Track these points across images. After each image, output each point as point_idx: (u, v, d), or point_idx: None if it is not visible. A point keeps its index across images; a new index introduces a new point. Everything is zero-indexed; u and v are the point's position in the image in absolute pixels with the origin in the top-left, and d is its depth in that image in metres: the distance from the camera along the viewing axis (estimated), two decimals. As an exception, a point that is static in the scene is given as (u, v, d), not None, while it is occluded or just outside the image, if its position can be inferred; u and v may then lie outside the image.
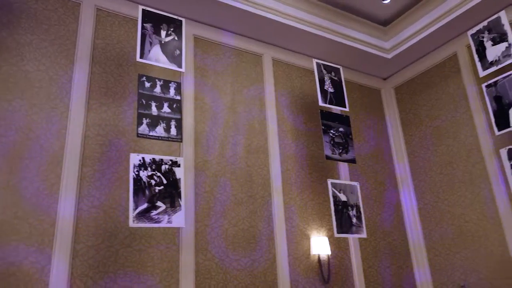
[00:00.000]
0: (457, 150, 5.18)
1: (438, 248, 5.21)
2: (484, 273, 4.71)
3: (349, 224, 4.58)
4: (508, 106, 4.36)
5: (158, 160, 3.64)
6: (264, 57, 5.16)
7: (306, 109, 5.26)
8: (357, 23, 5.48)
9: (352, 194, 4.77)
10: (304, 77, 5.43)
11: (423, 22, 5.30)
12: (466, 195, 5.00)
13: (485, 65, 4.59)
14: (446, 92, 5.43)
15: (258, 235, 4.32)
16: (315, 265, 4.55)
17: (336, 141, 4.82)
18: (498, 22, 4.54)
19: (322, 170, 5.05)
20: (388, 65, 5.90)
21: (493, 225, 4.69)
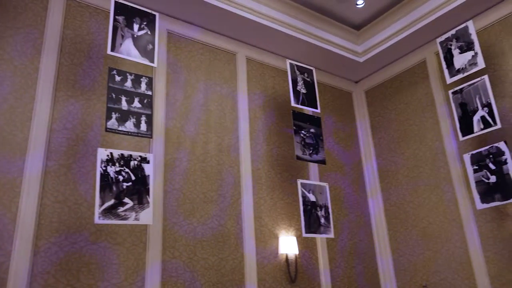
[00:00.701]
0: (423, 154, 5.32)
1: (402, 249, 5.34)
2: (445, 273, 4.86)
3: (318, 224, 4.63)
4: (472, 113, 4.51)
5: (127, 155, 3.57)
6: (238, 55, 5.14)
7: (278, 109, 5.28)
8: (331, 26, 5.54)
9: (321, 195, 4.82)
10: (277, 77, 5.45)
11: (394, 28, 5.42)
12: (431, 198, 5.15)
13: (452, 72, 4.73)
14: (414, 97, 5.57)
15: (226, 233, 4.30)
16: (282, 264, 4.58)
17: (307, 141, 4.86)
18: (465, 31, 4.69)
19: (292, 170, 5.09)
20: (360, 69, 6.00)
21: (455, 227, 4.85)
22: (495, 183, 4.27)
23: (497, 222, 4.50)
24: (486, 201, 4.31)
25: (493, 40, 4.82)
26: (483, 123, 4.40)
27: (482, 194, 4.35)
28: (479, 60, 4.49)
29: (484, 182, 4.35)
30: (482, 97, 4.46)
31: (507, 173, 4.18)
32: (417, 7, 5.16)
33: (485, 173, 4.36)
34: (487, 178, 4.34)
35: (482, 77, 4.47)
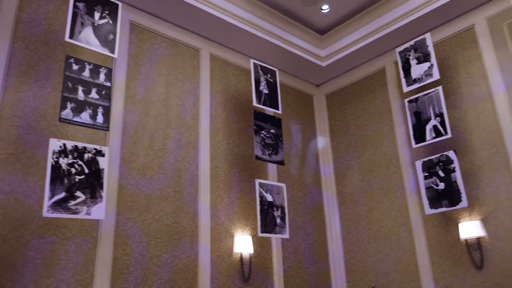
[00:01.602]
0: (378, 159, 5.48)
1: (354, 250, 5.48)
2: (393, 275, 5.03)
3: (273, 224, 4.67)
4: (425, 122, 4.69)
5: (81, 147, 3.45)
6: (202, 52, 5.09)
7: (240, 108, 5.27)
8: (296, 28, 5.59)
9: (278, 195, 4.86)
10: (240, 76, 5.44)
11: (357, 35, 5.55)
12: (383, 202, 5.31)
13: (409, 81, 4.91)
14: (373, 104, 5.72)
15: (181, 231, 4.25)
16: (236, 263, 4.58)
17: (266, 142, 4.88)
18: (423, 43, 4.87)
19: (251, 169, 5.10)
20: (322, 73, 6.10)
21: (405, 231, 5.03)
22: (443, 189, 4.47)
23: (443, 227, 4.70)
24: (434, 207, 4.50)
25: (448, 53, 5.04)
26: (435, 132, 4.59)
27: (431, 200, 4.54)
28: (435, 71, 4.69)
29: (433, 188, 4.54)
30: (435, 107, 4.65)
31: (455, 180, 4.38)
32: (379, 16, 5.31)
33: (435, 180, 4.56)
34: (436, 185, 4.53)
35: (436, 88, 4.67)
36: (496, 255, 4.26)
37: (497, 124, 4.48)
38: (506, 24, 4.60)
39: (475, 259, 4.38)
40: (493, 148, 4.47)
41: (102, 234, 3.69)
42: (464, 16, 4.95)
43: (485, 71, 4.68)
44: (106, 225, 3.72)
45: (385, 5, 5.23)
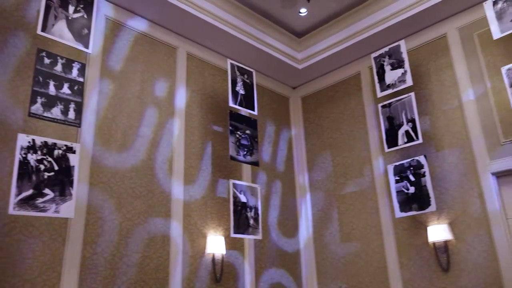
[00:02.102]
0: (352, 162, 5.56)
1: (326, 252, 5.54)
2: (362, 276, 5.11)
3: (246, 225, 4.67)
4: (398, 127, 4.79)
5: (51, 144, 3.36)
6: (179, 50, 5.05)
7: (216, 108, 5.25)
8: (274, 30, 5.62)
9: (252, 196, 4.87)
10: (217, 76, 5.42)
11: (334, 39, 5.61)
12: (355, 205, 5.39)
13: (383, 87, 5.00)
14: (347, 107, 5.80)
15: (153, 231, 4.19)
16: (208, 263, 4.55)
17: (242, 142, 4.88)
18: (397, 50, 4.98)
19: (225, 170, 5.09)
20: (299, 75, 6.15)
21: (375, 233, 5.12)
22: (413, 193, 4.57)
23: (412, 231, 4.81)
24: (404, 210, 4.60)
25: (421, 61, 5.16)
26: (406, 137, 4.70)
27: (401, 203, 4.64)
28: (408, 78, 4.79)
29: (404, 192, 4.64)
30: (407, 112, 4.76)
31: (425, 185, 4.49)
32: (355, 21, 5.39)
33: (406, 184, 4.66)
34: (407, 189, 4.63)
35: (409, 94, 4.78)
36: (461, 258, 4.39)
37: (466, 131, 4.62)
38: (477, 34, 4.74)
39: (442, 262, 4.50)
40: (461, 154, 4.61)
41: (71, 233, 3.60)
42: (437, 25, 5.08)
43: (456, 79, 4.81)
44: (75, 223, 3.63)
45: (362, 11, 5.32)
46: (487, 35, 4.49)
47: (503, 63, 4.41)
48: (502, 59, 4.48)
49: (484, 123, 4.50)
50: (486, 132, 4.47)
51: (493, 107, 4.47)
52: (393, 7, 5.04)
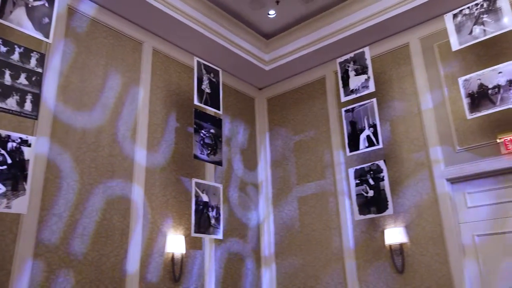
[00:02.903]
0: (314, 165, 5.64)
1: (286, 253, 5.58)
2: (321, 278, 5.19)
3: (208, 224, 4.64)
4: (360, 132, 4.91)
5: (4, 136, 3.22)
6: (145, 45, 4.95)
7: (181, 105, 5.19)
8: (242, 31, 5.61)
9: (214, 196, 4.84)
10: (183, 73, 5.36)
11: (301, 42, 5.68)
12: (316, 207, 5.47)
13: (347, 92, 5.11)
14: (312, 111, 5.88)
15: (111, 228, 4.09)
16: (168, 263, 4.49)
17: (206, 141, 4.85)
18: (362, 56, 5.10)
19: (188, 168, 5.03)
20: (265, 77, 6.17)
21: (335, 235, 5.21)
22: (372, 197, 4.69)
23: (370, 233, 4.93)
24: (363, 213, 4.71)
25: (384, 68, 5.31)
26: (368, 142, 4.81)
27: (360, 206, 4.75)
28: (371, 84, 4.92)
29: (363, 195, 4.76)
30: (369, 118, 4.88)
31: (383, 189, 4.62)
32: (322, 26, 5.47)
33: (365, 187, 4.77)
34: (366, 192, 4.75)
35: (371, 100, 4.90)
36: (416, 260, 4.54)
37: (423, 137, 4.78)
38: (437, 45, 4.92)
39: (397, 264, 4.63)
40: (418, 160, 4.77)
41: (23, 229, 3.45)
42: (400, 34, 5.23)
43: (416, 88, 4.97)
44: (28, 220, 3.49)
45: (329, 17, 5.40)
46: (447, 46, 4.67)
47: (460, 74, 4.60)
48: (460, 70, 4.67)
49: (441, 131, 4.68)
50: (443, 140, 4.65)
51: (450, 116, 4.66)
52: (359, 14, 5.16)
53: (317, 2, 5.27)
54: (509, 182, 4.28)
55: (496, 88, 4.16)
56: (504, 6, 4.22)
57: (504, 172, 4.28)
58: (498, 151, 4.28)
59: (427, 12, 4.88)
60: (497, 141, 4.29)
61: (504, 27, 4.19)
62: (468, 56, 4.65)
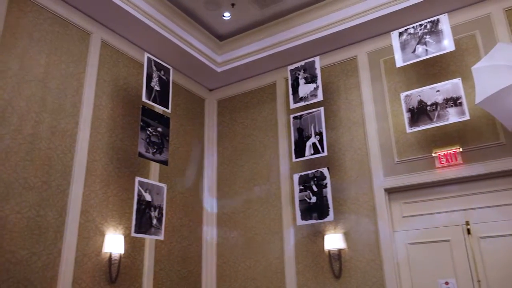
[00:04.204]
0: (260, 168, 5.69)
1: (227, 255, 5.58)
2: (261, 281, 5.23)
3: (149, 224, 4.54)
4: (306, 139, 5.02)
5: None
6: (93, 36, 4.77)
7: (128, 101, 5.04)
8: (196, 30, 5.56)
9: (158, 195, 4.75)
10: (132, 69, 5.21)
11: (254, 47, 5.72)
12: (260, 210, 5.51)
13: (296, 99, 5.21)
14: (261, 115, 5.93)
15: (45, 225, 3.88)
16: (104, 263, 4.33)
17: (152, 140, 4.74)
18: (312, 65, 5.22)
19: (132, 166, 4.89)
20: (216, 78, 6.15)
21: (276, 239, 5.27)
22: (314, 203, 4.81)
23: (311, 238, 5.04)
24: (305, 219, 4.81)
25: (332, 78, 5.46)
26: (313, 149, 4.93)
27: (303, 211, 4.85)
28: (319, 93, 5.05)
29: (306, 201, 4.86)
30: (316, 126, 5.00)
31: (325, 196, 4.75)
32: (276, 33, 5.55)
33: (308, 194, 4.88)
34: (309, 198, 4.86)
35: (319, 108, 5.03)
36: (352, 266, 4.70)
37: (366, 148, 4.97)
38: (383, 60, 5.15)
39: (335, 269, 4.77)
40: (360, 170, 4.95)
41: None
42: (349, 47, 5.42)
43: (361, 99, 5.17)
44: (-49, 213, 3.23)
45: (283, 24, 5.49)
46: (392, 62, 4.90)
47: (402, 89, 4.84)
48: (402, 86, 4.91)
49: (382, 143, 4.89)
50: (383, 151, 4.86)
51: (391, 129, 4.88)
52: (312, 24, 5.29)
53: (272, 8, 5.34)
54: (441, 194, 4.55)
55: (434, 105, 4.42)
56: (445, 29, 4.50)
57: (438, 184, 4.55)
58: (433, 165, 4.54)
59: (375, 28, 5.10)
60: (433, 155, 4.55)
61: (444, 48, 4.47)
62: (410, 73, 4.91)
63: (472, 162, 4.36)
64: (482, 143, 4.35)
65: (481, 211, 4.32)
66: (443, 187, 4.54)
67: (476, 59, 4.49)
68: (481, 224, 4.28)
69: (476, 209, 4.36)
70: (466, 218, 4.35)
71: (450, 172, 4.44)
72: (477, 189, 4.39)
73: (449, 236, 4.40)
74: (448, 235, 4.40)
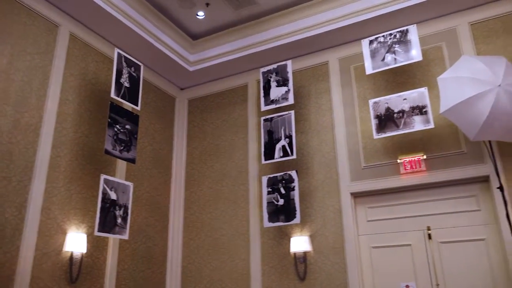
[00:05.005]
0: (229, 170, 5.67)
1: (193, 256, 5.53)
2: (226, 282, 5.21)
3: (113, 223, 4.44)
4: (276, 141, 5.05)
5: None
6: (61, 28, 4.63)
7: (96, 97, 4.92)
8: (169, 28, 5.50)
9: (123, 194, 4.66)
10: (101, 64, 5.10)
11: (227, 48, 5.70)
12: (227, 212, 5.49)
13: (267, 101, 5.24)
14: (232, 116, 5.92)
15: (2, 222, 3.73)
16: (65, 263, 4.20)
17: (119, 137, 4.65)
18: (284, 68, 5.26)
19: (98, 164, 4.77)
20: (188, 77, 6.09)
21: (243, 241, 5.27)
22: (282, 206, 4.84)
23: (277, 240, 5.07)
24: (272, 221, 4.84)
25: (304, 82, 5.52)
26: (283, 152, 4.97)
27: (270, 214, 4.87)
28: (290, 96, 5.09)
29: (274, 203, 4.89)
30: (286, 129, 5.04)
31: (293, 198, 4.79)
32: (249, 35, 5.55)
33: (276, 196, 4.91)
34: (277, 200, 4.89)
35: (290, 111, 5.08)
36: (317, 268, 4.75)
37: (334, 152, 5.04)
38: (353, 66, 5.24)
39: (300, 271, 4.81)
40: (328, 173, 5.01)
41: None
42: (321, 52, 5.49)
43: (331, 104, 5.24)
44: None
45: (256, 26, 5.50)
46: (361, 69, 5.00)
47: (371, 96, 4.95)
48: (371, 93, 5.02)
49: (350, 148, 4.97)
50: (351, 156, 4.94)
51: (359, 134, 4.97)
52: (285, 28, 5.33)
53: (246, 10, 5.34)
54: (404, 199, 4.67)
55: (400, 113, 4.54)
56: (413, 39, 4.63)
57: (402, 190, 4.67)
58: (398, 171, 4.66)
59: (347, 35, 5.19)
60: (398, 161, 4.67)
61: (412, 58, 4.60)
62: (379, 81, 5.02)
63: (435, 169, 4.50)
64: (445, 151, 4.50)
65: (442, 217, 4.47)
66: (406, 192, 4.67)
67: (442, 69, 4.64)
68: (441, 230, 4.42)
69: (437, 215, 4.50)
70: (428, 224, 4.48)
71: (414, 178, 4.57)
72: (438, 196, 4.54)
73: (411, 240, 4.52)
74: (410, 240, 4.53)
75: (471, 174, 4.35)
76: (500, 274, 4.07)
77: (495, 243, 4.18)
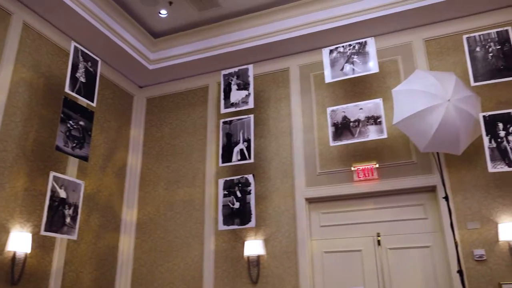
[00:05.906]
0: (186, 171, 5.61)
1: (145, 258, 5.41)
2: (178, 285, 5.13)
3: (62, 223, 4.27)
4: (234, 144, 5.05)
5: None
6: (14, 17, 4.41)
7: (49, 90, 4.72)
8: (129, 24, 5.38)
9: (73, 192, 4.49)
10: (56, 56, 4.90)
11: (189, 48, 5.65)
12: (182, 213, 5.42)
13: (227, 104, 5.23)
14: (190, 117, 5.86)
15: None
16: (6, 263, 3.98)
17: (72, 133, 4.49)
18: (245, 72, 5.28)
19: (48, 160, 4.58)
20: (147, 76, 5.98)
21: (197, 243, 5.22)
22: (237, 209, 4.84)
23: (231, 244, 5.06)
24: (227, 224, 4.82)
25: (264, 87, 5.56)
26: (240, 155, 4.97)
27: (225, 217, 4.85)
28: (250, 100, 5.11)
29: (229, 206, 4.88)
30: (245, 132, 5.05)
31: (249, 202, 4.80)
32: (212, 36, 5.53)
33: (232, 199, 4.90)
34: (233, 204, 4.88)
35: (249, 115, 5.10)
36: (270, 272, 4.78)
37: (291, 157, 5.11)
38: (313, 74, 5.34)
39: (253, 275, 4.82)
40: (284, 178, 5.07)
41: None
42: (282, 58, 5.56)
43: (290, 110, 5.31)
44: None
45: (219, 29, 5.49)
46: (321, 77, 5.10)
47: (329, 104, 5.06)
48: (329, 101, 5.13)
49: (307, 154, 5.05)
50: (307, 162, 5.02)
51: (316, 141, 5.07)
52: (248, 32, 5.35)
53: (210, 12, 5.32)
54: (356, 206, 4.80)
55: (356, 122, 4.67)
56: (371, 52, 4.78)
57: (354, 197, 4.80)
58: (351, 178, 4.78)
59: (308, 43, 5.28)
60: (352, 169, 4.79)
61: (369, 69, 4.75)
62: (337, 90, 5.14)
63: (386, 178, 4.66)
64: (396, 160, 4.67)
65: (391, 224, 4.63)
66: (359, 199, 4.80)
67: (397, 82, 4.82)
68: (390, 236, 4.58)
69: (386, 222, 4.65)
70: (377, 230, 4.63)
71: (366, 186, 4.70)
72: (389, 203, 4.70)
73: (361, 246, 4.65)
74: (360, 246, 4.65)
75: (420, 183, 4.53)
76: (443, 280, 4.27)
77: (439, 250, 4.37)
